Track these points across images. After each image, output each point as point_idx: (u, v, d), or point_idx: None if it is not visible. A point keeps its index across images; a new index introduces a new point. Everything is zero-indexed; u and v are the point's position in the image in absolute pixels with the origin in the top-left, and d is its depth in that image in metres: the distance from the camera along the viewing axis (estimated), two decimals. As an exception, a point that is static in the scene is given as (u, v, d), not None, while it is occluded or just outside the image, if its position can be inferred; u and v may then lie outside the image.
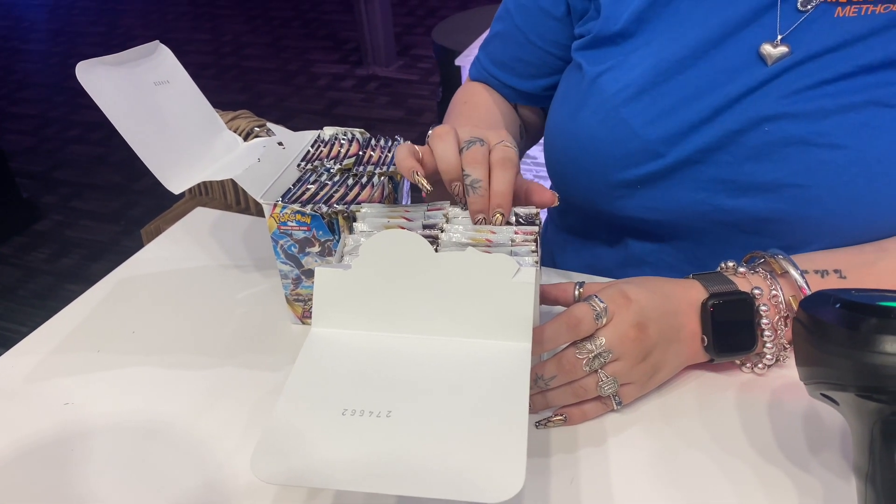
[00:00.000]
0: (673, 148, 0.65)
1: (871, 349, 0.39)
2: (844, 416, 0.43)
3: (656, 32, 0.67)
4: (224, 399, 0.58)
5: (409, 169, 0.55)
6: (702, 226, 0.67)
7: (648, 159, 0.66)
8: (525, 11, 0.79)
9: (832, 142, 0.59)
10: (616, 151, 0.68)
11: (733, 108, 0.63)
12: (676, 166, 0.66)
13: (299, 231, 0.60)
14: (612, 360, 0.53)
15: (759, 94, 0.62)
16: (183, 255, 0.77)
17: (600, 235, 0.79)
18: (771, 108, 0.61)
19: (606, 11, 0.69)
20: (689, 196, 0.66)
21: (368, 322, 0.49)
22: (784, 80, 0.62)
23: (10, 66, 4.22)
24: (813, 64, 0.61)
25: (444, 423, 0.41)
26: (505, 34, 0.82)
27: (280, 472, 0.39)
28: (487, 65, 0.86)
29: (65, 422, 0.57)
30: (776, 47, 0.62)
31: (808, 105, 0.60)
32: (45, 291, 2.29)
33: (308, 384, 0.45)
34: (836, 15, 0.60)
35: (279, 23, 4.59)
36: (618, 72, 0.68)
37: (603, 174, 0.69)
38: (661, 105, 0.65)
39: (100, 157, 3.04)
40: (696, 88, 0.64)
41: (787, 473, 0.50)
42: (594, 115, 0.69)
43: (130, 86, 0.61)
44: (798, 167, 0.60)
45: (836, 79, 0.60)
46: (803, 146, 0.60)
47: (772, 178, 0.62)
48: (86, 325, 0.67)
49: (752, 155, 0.62)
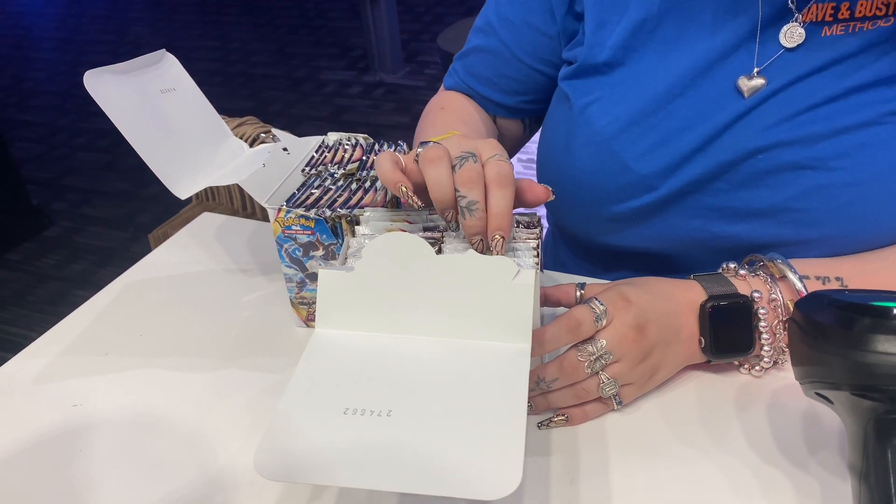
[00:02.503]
0: (667, 180, 0.65)
1: (864, 348, 0.39)
2: (839, 414, 0.44)
3: (642, 62, 0.67)
4: (228, 400, 0.59)
5: (395, 183, 0.51)
6: (699, 253, 0.67)
7: (643, 192, 0.66)
8: (513, 28, 0.77)
9: (827, 165, 0.59)
10: (610, 186, 0.67)
11: (723, 138, 0.63)
12: (671, 197, 0.66)
13: (303, 235, 0.61)
14: (612, 361, 0.53)
15: (742, 126, 0.62)
16: (189, 259, 0.78)
17: (597, 264, 0.79)
18: (760, 139, 0.61)
19: (590, 39, 0.69)
20: (685, 224, 0.66)
21: (371, 323, 0.50)
22: (764, 110, 0.62)
23: (21, 75, 4.26)
24: (799, 88, 0.61)
25: (443, 421, 0.42)
26: (488, 49, 0.80)
27: (283, 470, 0.40)
28: (466, 77, 0.84)
29: (73, 422, 0.58)
30: (751, 80, 0.62)
31: (800, 131, 0.60)
32: (55, 297, 2.30)
33: (311, 384, 0.45)
34: (822, 34, 0.60)
35: (286, 30, 4.62)
36: (605, 103, 0.68)
37: (597, 208, 0.69)
38: (651, 137, 0.65)
39: (108, 164, 3.06)
40: (686, 119, 0.64)
41: (785, 473, 0.50)
42: (585, 148, 0.68)
43: (137, 94, 0.62)
44: (794, 192, 0.61)
45: (826, 101, 0.60)
46: (798, 171, 0.60)
47: (768, 204, 0.62)
48: (94, 328, 0.68)
49: (746, 182, 0.62)
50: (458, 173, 0.50)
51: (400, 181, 0.51)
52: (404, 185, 0.51)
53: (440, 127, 0.77)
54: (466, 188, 0.49)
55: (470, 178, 0.49)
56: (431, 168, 0.50)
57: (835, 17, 0.60)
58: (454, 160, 0.51)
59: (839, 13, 0.59)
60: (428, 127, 0.79)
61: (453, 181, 0.50)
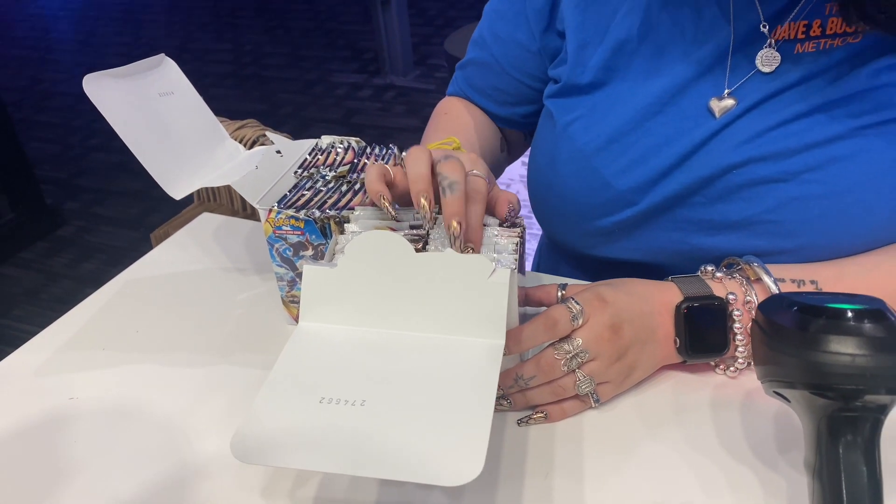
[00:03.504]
0: (645, 195, 0.67)
1: (817, 348, 0.41)
2: (796, 412, 0.45)
3: (623, 82, 0.69)
4: (220, 394, 0.61)
5: (376, 192, 0.53)
6: (684, 263, 0.68)
7: (623, 207, 0.68)
8: (501, 43, 0.79)
9: (800, 178, 0.60)
10: (592, 201, 0.69)
11: (698, 155, 0.64)
12: (651, 212, 0.67)
13: (293, 235, 0.63)
14: (588, 360, 0.55)
15: (715, 144, 0.64)
16: (187, 258, 0.80)
17: (590, 273, 0.80)
18: (733, 156, 0.63)
19: (572, 59, 0.71)
20: (666, 236, 0.68)
21: (352, 317, 0.51)
22: (735, 128, 0.63)
23: (37, 76, 4.32)
24: (769, 106, 0.62)
25: (413, 412, 0.43)
26: (481, 62, 0.83)
27: (256, 453, 0.41)
28: (465, 87, 0.86)
29: (69, 414, 0.60)
30: (722, 100, 0.64)
31: (772, 147, 0.61)
32: (66, 295, 2.34)
33: (290, 374, 0.47)
34: (795, 51, 0.62)
35: (299, 33, 4.66)
36: (587, 121, 0.69)
37: (582, 222, 0.71)
38: (630, 155, 0.67)
39: (121, 165, 3.11)
40: (663, 137, 0.66)
41: (753, 471, 0.52)
42: (567, 165, 0.70)
43: (135, 96, 0.64)
44: (769, 204, 0.62)
45: (796, 117, 0.61)
46: (771, 184, 0.61)
47: (744, 217, 0.63)
48: (92, 324, 0.71)
49: (722, 196, 0.64)
50: (441, 163, 0.53)
51: (380, 191, 0.53)
52: (384, 196, 0.53)
53: (441, 133, 0.80)
54: (448, 171, 0.52)
55: (453, 165, 0.52)
56: (413, 163, 0.53)
57: (807, 35, 0.61)
58: (438, 158, 0.54)
59: (811, 31, 0.61)
60: (431, 133, 0.82)
61: (432, 176, 0.53)
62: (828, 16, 0.60)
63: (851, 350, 0.40)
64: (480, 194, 0.53)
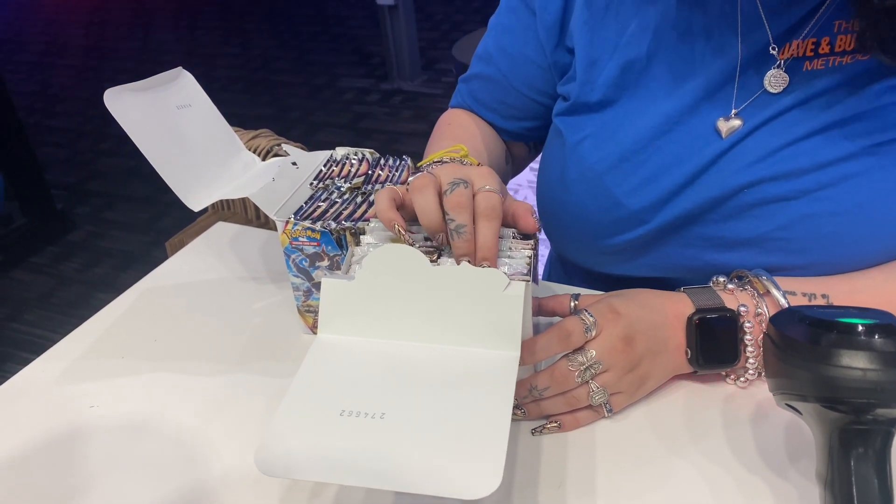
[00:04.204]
0: (657, 214, 0.67)
1: (829, 362, 0.41)
2: (808, 424, 0.46)
3: (633, 101, 0.69)
4: (237, 403, 0.62)
5: (389, 221, 0.53)
6: (695, 279, 0.68)
7: (636, 226, 0.68)
8: (510, 59, 0.79)
9: (812, 196, 0.61)
10: (603, 220, 0.69)
11: (708, 173, 0.64)
12: (663, 230, 0.67)
13: (310, 246, 0.64)
14: (601, 371, 0.56)
15: (724, 163, 0.64)
16: (203, 267, 0.81)
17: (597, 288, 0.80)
18: (744, 175, 0.63)
19: (582, 77, 0.71)
20: (679, 253, 0.68)
21: (370, 329, 0.52)
22: (744, 147, 0.63)
23: (47, 81, 4.36)
24: (777, 125, 0.62)
25: (432, 424, 0.44)
26: (487, 78, 0.82)
27: (281, 467, 0.42)
28: (470, 101, 0.86)
29: (90, 424, 0.61)
30: (728, 121, 0.64)
31: (784, 166, 0.61)
32: (77, 300, 2.36)
33: (311, 386, 0.48)
34: (804, 69, 0.62)
35: (306, 38, 4.68)
36: (597, 140, 0.69)
37: (593, 241, 0.71)
38: (641, 173, 0.67)
39: (131, 170, 3.13)
40: (674, 155, 0.66)
41: (765, 480, 0.52)
42: (578, 183, 0.70)
43: (154, 109, 0.66)
44: (781, 222, 0.62)
45: (806, 136, 0.61)
46: (783, 202, 0.62)
47: (756, 234, 0.63)
48: (111, 333, 0.72)
49: (734, 214, 0.64)
50: (448, 198, 0.52)
51: (394, 219, 0.53)
52: (398, 224, 0.53)
53: (447, 141, 0.79)
54: (455, 212, 0.52)
55: (459, 202, 0.52)
56: (418, 196, 0.53)
57: (815, 53, 0.61)
58: (446, 186, 0.53)
59: (819, 48, 0.61)
60: (436, 141, 0.82)
61: (441, 206, 0.53)
62: (836, 33, 0.60)
63: (863, 364, 0.41)
64: (495, 211, 0.53)
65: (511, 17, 0.78)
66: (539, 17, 0.75)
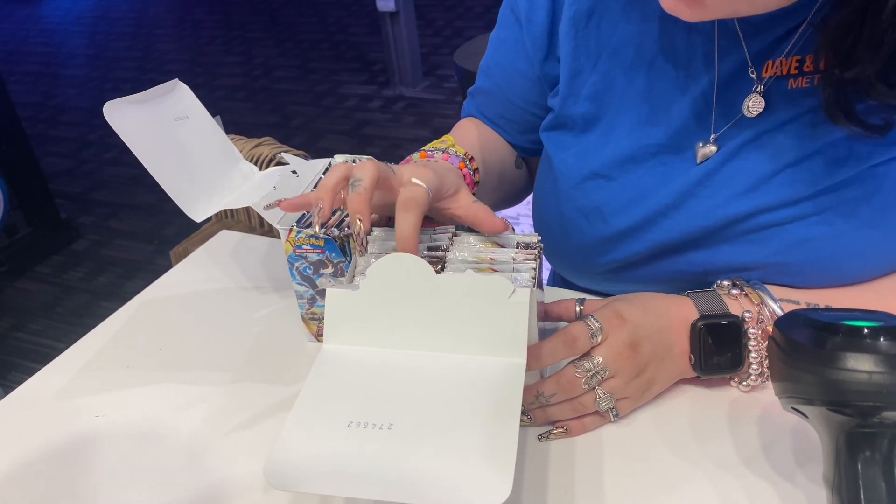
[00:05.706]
0: (647, 234, 0.66)
1: (835, 366, 0.41)
2: (814, 428, 0.46)
3: (616, 115, 0.67)
4: (242, 412, 0.62)
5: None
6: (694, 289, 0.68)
7: (626, 246, 0.67)
8: (504, 72, 0.78)
9: (808, 222, 0.60)
10: (593, 238, 0.69)
11: (698, 198, 0.63)
12: (654, 254, 0.67)
13: (313, 254, 0.64)
14: (608, 377, 0.56)
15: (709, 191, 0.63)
16: (207, 276, 0.81)
17: None
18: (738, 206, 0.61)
19: (564, 90, 0.70)
20: (675, 268, 0.67)
21: (375, 339, 0.52)
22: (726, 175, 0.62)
23: (51, 91, 4.37)
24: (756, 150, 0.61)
25: (440, 434, 0.44)
26: (488, 91, 0.82)
27: (290, 480, 0.42)
28: (477, 115, 0.85)
29: (96, 434, 0.61)
30: (706, 145, 0.63)
31: (778, 195, 0.60)
32: (82, 309, 2.36)
33: (318, 397, 0.48)
34: (788, 87, 0.60)
35: (308, 45, 4.69)
36: (583, 157, 0.69)
37: (586, 259, 0.71)
38: (629, 193, 0.66)
39: (135, 178, 3.14)
40: (662, 176, 0.65)
41: (771, 484, 0.52)
42: (566, 203, 0.70)
43: (153, 122, 0.66)
44: (777, 247, 0.61)
45: (800, 160, 0.59)
46: (777, 228, 0.61)
47: (752, 260, 0.62)
48: (116, 342, 0.72)
49: (727, 239, 0.63)
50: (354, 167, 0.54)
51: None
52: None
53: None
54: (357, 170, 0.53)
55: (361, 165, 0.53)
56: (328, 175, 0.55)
57: (800, 70, 0.59)
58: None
59: (804, 66, 0.59)
60: None
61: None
62: None
63: (869, 367, 0.41)
64: (414, 202, 0.52)
65: (504, 30, 0.77)
66: (525, 29, 0.73)
